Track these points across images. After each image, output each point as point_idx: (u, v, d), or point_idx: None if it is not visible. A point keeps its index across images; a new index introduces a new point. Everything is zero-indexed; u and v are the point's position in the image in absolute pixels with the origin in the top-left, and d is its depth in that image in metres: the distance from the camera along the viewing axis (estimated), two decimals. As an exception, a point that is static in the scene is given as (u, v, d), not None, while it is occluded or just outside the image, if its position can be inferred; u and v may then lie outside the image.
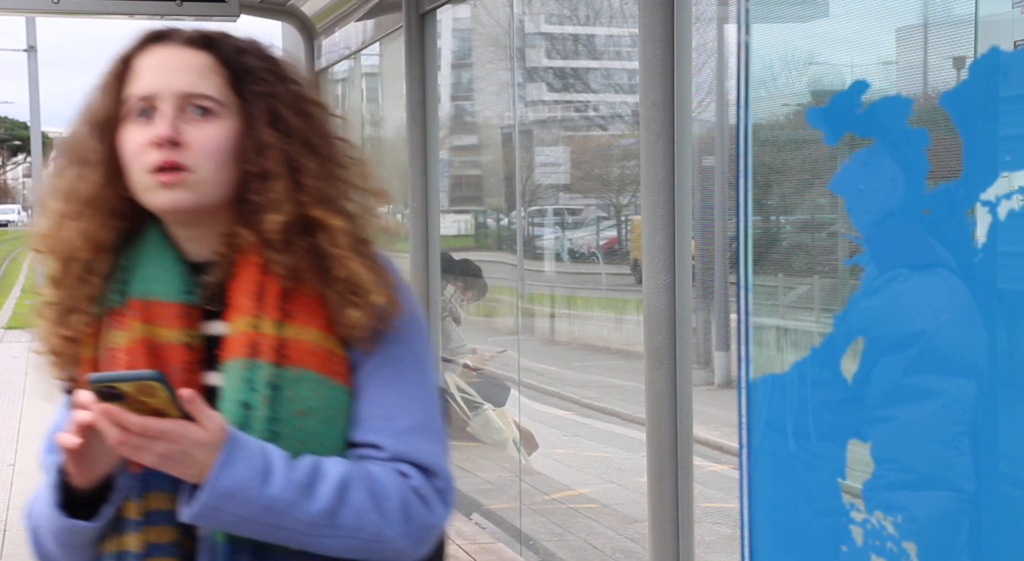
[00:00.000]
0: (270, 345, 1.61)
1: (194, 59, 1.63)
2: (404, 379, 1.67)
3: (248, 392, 1.60)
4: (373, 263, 1.66)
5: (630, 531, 7.31)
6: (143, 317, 1.65)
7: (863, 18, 2.35)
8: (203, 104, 1.61)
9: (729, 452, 8.46)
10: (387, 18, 6.73)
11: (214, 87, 1.62)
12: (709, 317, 12.28)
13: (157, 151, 1.60)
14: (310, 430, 1.61)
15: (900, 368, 2.12)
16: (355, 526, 1.59)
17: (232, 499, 1.54)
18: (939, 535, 2.09)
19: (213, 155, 1.61)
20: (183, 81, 1.61)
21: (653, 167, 3.07)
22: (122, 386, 1.48)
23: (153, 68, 1.63)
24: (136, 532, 1.62)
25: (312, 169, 1.64)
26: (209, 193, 1.62)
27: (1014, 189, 1.89)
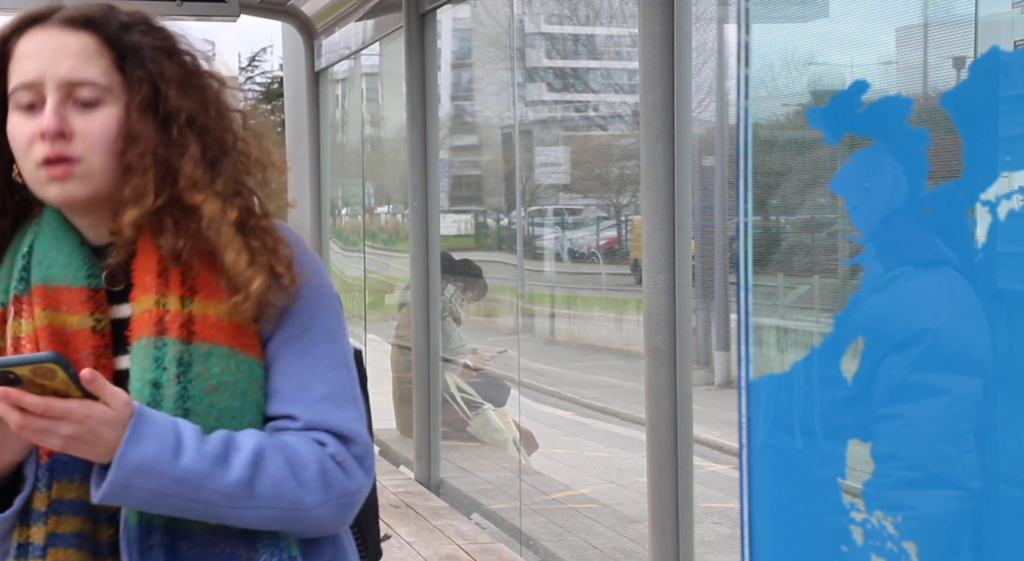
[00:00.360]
0: (176, 322, 1.58)
1: (76, 42, 1.57)
2: (315, 349, 1.64)
3: (157, 370, 1.57)
4: (264, 239, 1.62)
5: (630, 531, 7.31)
6: (46, 303, 1.61)
7: (863, 18, 2.35)
8: (88, 93, 1.56)
9: (729, 452, 8.46)
10: (387, 18, 6.73)
11: (99, 71, 1.57)
12: (709, 317, 12.28)
13: (44, 144, 1.55)
14: (223, 405, 1.58)
15: (905, 366, 2.12)
16: (273, 495, 1.56)
17: (143, 474, 1.50)
18: (942, 534, 2.09)
19: (102, 144, 1.57)
20: (66, 67, 1.55)
21: (653, 167, 3.07)
22: (18, 370, 1.43)
23: (34, 54, 1.57)
24: (41, 523, 1.58)
25: (192, 153, 1.59)
26: (101, 183, 1.59)
27: (1014, 189, 1.89)
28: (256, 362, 1.62)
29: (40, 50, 1.57)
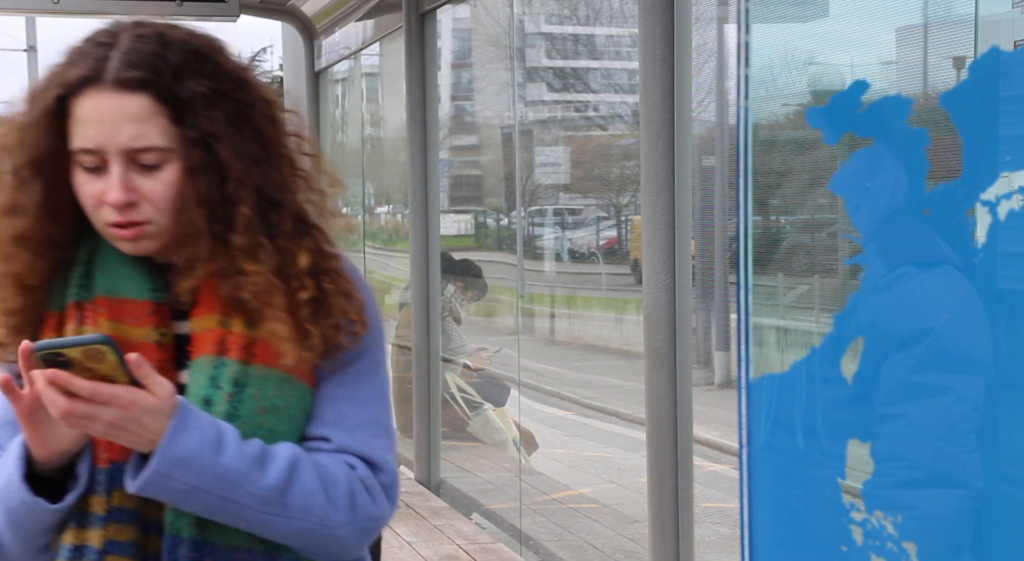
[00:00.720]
0: (238, 343, 1.60)
1: (133, 106, 1.56)
2: (359, 380, 1.67)
3: (211, 388, 1.59)
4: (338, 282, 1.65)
5: (630, 531, 7.31)
6: (111, 314, 1.62)
7: (863, 18, 2.35)
8: (150, 157, 1.57)
9: (729, 452, 8.46)
10: (387, 18, 6.73)
11: (158, 132, 1.57)
12: (709, 317, 12.28)
13: (113, 211, 1.58)
14: (269, 427, 1.61)
15: (907, 366, 2.12)
16: (303, 507, 1.58)
17: (184, 467, 1.51)
18: (942, 534, 2.09)
19: (167, 205, 1.58)
20: (127, 136, 1.56)
21: (653, 167, 3.07)
22: (69, 352, 1.45)
23: (94, 120, 1.57)
24: (99, 528, 1.59)
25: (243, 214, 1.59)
26: (169, 236, 1.61)
27: (1014, 189, 1.89)
28: (308, 389, 1.64)
29: (99, 117, 1.57)
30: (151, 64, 1.58)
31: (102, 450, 1.59)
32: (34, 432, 1.55)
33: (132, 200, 1.57)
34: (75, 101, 1.58)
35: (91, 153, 1.57)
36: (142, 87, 1.56)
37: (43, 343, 1.47)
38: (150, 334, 1.63)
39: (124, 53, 1.58)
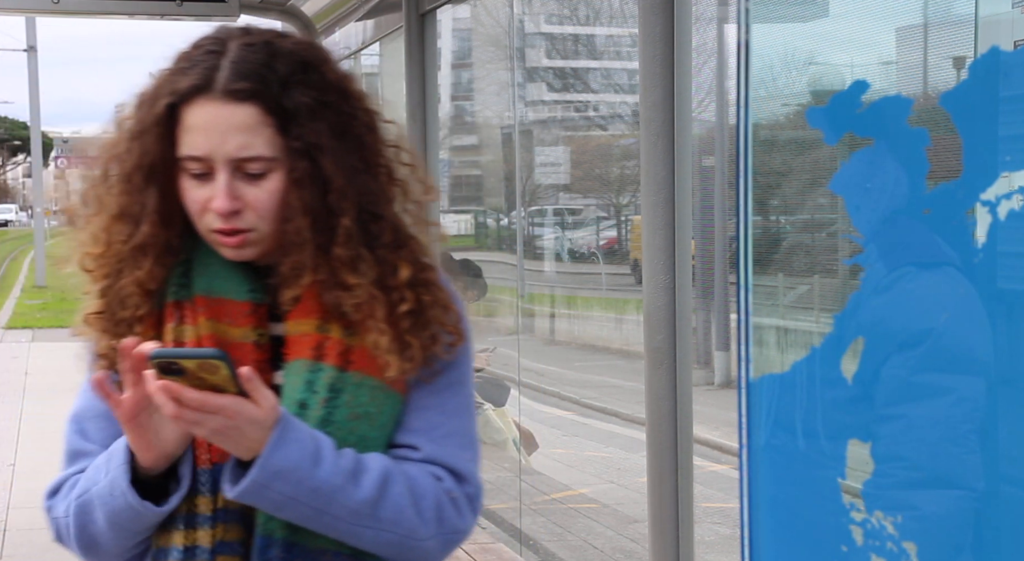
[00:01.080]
0: (335, 349, 1.64)
1: (242, 116, 1.59)
2: (449, 391, 1.71)
3: (306, 392, 1.63)
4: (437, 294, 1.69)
5: (630, 531, 7.31)
6: (210, 314, 1.66)
7: (863, 18, 2.35)
8: (256, 166, 1.61)
9: (729, 452, 8.46)
10: (387, 18, 6.73)
11: (264, 143, 1.60)
12: (709, 317, 12.28)
13: (218, 218, 1.62)
14: (361, 433, 1.65)
15: (908, 366, 2.12)
16: (393, 520, 1.62)
17: (282, 478, 1.55)
18: (942, 534, 2.09)
19: (272, 213, 1.62)
20: (234, 145, 1.59)
21: (653, 167, 3.07)
22: (184, 363, 1.49)
23: (202, 129, 1.60)
24: (208, 528, 1.63)
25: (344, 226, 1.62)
26: (271, 243, 1.65)
27: (1014, 189, 1.89)
28: (399, 397, 1.67)
29: (208, 125, 1.60)
30: (260, 75, 1.60)
31: (203, 451, 1.63)
32: (138, 436, 1.59)
33: (236, 208, 1.61)
34: (185, 109, 1.61)
35: (198, 160, 1.61)
36: (250, 98, 1.59)
37: (161, 351, 1.51)
38: (248, 335, 1.66)
39: (234, 62, 1.61)
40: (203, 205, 1.62)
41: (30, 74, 34.06)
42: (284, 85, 1.61)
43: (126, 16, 6.11)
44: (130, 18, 6.13)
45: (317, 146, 1.61)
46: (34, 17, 23.95)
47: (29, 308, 23.92)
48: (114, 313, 1.69)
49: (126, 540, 1.66)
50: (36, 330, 19.93)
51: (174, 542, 1.64)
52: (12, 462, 9.27)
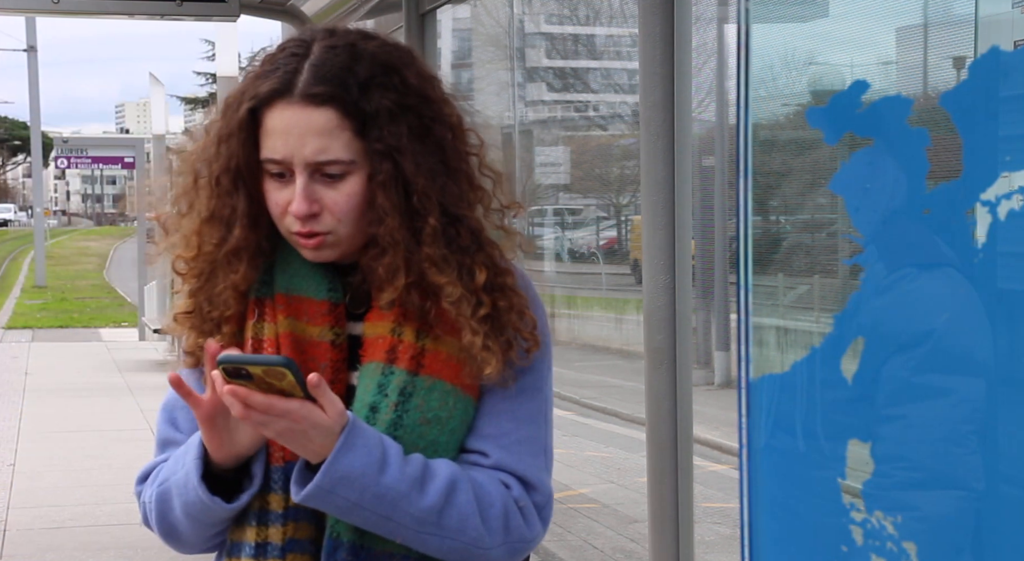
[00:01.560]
0: (408, 353, 1.66)
1: (320, 119, 1.61)
2: (522, 397, 1.71)
3: (378, 395, 1.65)
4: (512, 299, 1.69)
5: (630, 531, 7.32)
6: (289, 312, 1.69)
7: (863, 18, 2.35)
8: (334, 169, 1.63)
9: (729, 452, 8.46)
10: (387, 18, 6.73)
11: (342, 146, 1.62)
12: (709, 317, 12.29)
13: (295, 221, 1.64)
14: (431, 438, 1.66)
15: (910, 367, 2.12)
16: (458, 528, 1.63)
17: (347, 484, 1.57)
18: (943, 534, 2.09)
19: (349, 215, 1.64)
20: (312, 149, 1.61)
21: (653, 167, 3.07)
22: (252, 369, 1.52)
23: (281, 132, 1.62)
24: (279, 525, 1.66)
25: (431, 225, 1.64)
26: (349, 245, 1.67)
27: (1014, 189, 1.89)
28: (471, 402, 1.68)
29: (287, 129, 1.62)
30: (339, 78, 1.62)
31: (276, 449, 1.66)
32: (212, 435, 1.62)
33: (314, 211, 1.63)
34: (266, 112, 1.63)
35: (278, 163, 1.63)
36: (329, 101, 1.61)
37: (228, 357, 1.54)
38: (325, 333, 1.69)
39: (314, 65, 1.63)
40: (283, 208, 1.65)
41: (30, 74, 34.09)
42: (364, 88, 1.62)
43: (126, 16, 6.11)
44: (130, 18, 6.13)
45: (397, 148, 1.62)
46: (34, 17, 23.94)
47: (29, 308, 23.94)
48: (204, 312, 1.72)
49: (202, 531, 1.70)
50: (36, 330, 19.95)
51: (246, 537, 1.67)
52: (12, 462, 9.27)
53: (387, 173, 1.63)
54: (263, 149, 1.65)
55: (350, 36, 1.68)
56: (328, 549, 1.64)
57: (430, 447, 1.65)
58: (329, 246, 1.66)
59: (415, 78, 1.68)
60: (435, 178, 1.65)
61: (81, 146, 23.61)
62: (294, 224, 1.65)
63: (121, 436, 10.16)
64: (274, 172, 1.65)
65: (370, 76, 1.63)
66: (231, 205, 1.68)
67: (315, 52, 1.64)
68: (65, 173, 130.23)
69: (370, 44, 1.67)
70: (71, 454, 9.36)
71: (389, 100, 1.63)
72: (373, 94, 1.63)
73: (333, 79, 1.62)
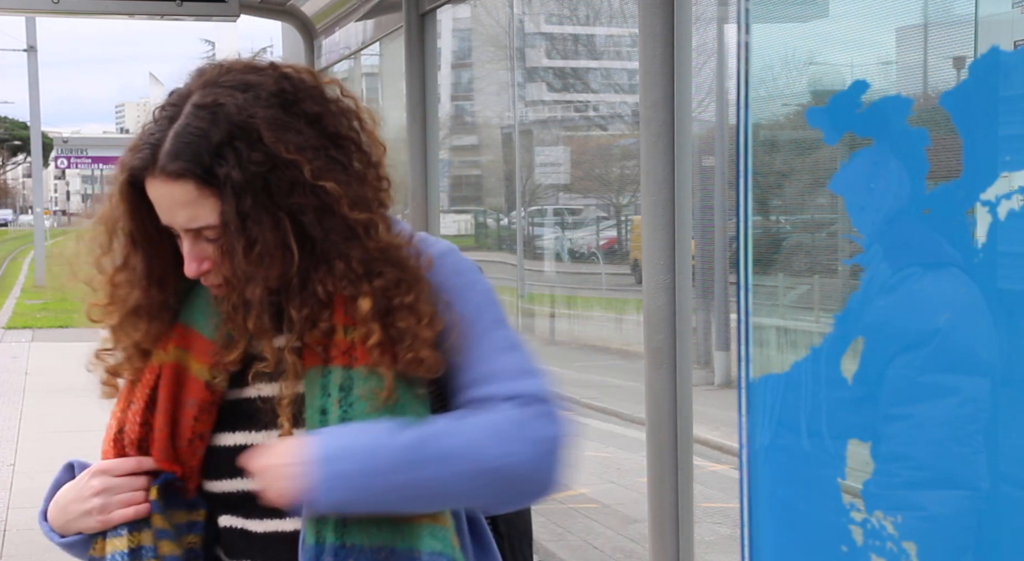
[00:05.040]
0: (340, 348, 1.67)
1: (179, 193, 1.65)
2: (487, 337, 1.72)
3: (323, 397, 1.67)
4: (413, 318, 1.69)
5: (630, 531, 7.31)
6: (180, 342, 1.76)
7: (863, 18, 2.35)
8: (210, 233, 1.67)
9: (729, 452, 8.46)
10: (387, 18, 6.73)
11: (208, 212, 1.66)
12: (709, 317, 12.29)
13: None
14: None
15: (913, 366, 2.12)
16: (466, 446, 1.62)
17: (343, 459, 1.60)
18: (943, 534, 2.09)
19: (237, 268, 1.67)
20: (183, 219, 1.67)
21: (653, 167, 3.07)
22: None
23: (158, 204, 1.69)
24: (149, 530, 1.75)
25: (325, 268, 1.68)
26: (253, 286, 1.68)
27: (1014, 189, 1.89)
28: (416, 379, 1.68)
29: (158, 201, 1.68)
30: (193, 150, 1.65)
31: None
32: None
33: (204, 269, 1.69)
34: (146, 182, 1.69)
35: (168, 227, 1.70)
36: (184, 175, 1.65)
37: None
38: (202, 372, 1.74)
39: (175, 136, 1.66)
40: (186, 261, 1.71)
41: (30, 74, 34.07)
42: (216, 156, 1.64)
43: (126, 16, 6.11)
44: (130, 18, 6.13)
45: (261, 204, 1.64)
46: (34, 17, 23.93)
47: (29, 308, 23.92)
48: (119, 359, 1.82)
49: None
50: (36, 330, 19.93)
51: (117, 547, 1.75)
52: (12, 462, 9.27)
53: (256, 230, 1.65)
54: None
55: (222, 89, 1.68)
56: (311, 556, 1.65)
57: None
58: (229, 288, 1.69)
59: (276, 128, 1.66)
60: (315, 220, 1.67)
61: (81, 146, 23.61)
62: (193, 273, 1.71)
63: (121, 436, 10.12)
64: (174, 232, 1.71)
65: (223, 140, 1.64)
66: (131, 265, 1.76)
67: (183, 115, 1.67)
68: (65, 173, 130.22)
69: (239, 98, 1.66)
70: (71, 454, 9.34)
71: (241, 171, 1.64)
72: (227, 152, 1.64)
73: (186, 152, 1.64)
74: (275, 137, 1.66)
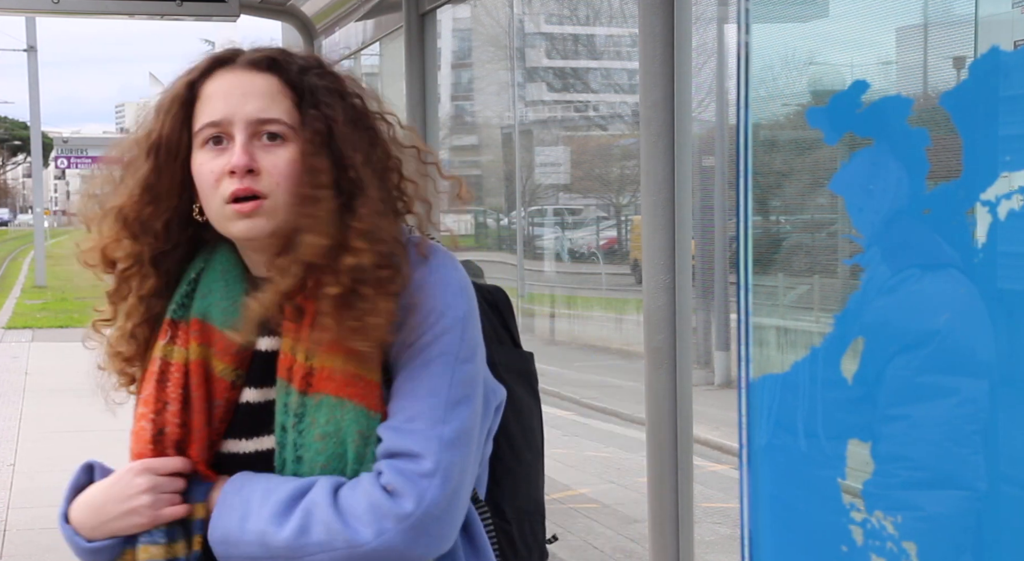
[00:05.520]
0: (299, 373, 1.66)
1: (262, 82, 1.64)
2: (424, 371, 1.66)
3: (284, 414, 1.67)
4: (379, 297, 1.66)
5: (630, 531, 7.32)
6: (202, 339, 1.70)
7: (863, 18, 2.35)
8: (274, 129, 1.63)
9: (729, 452, 8.46)
10: (387, 18, 6.73)
11: (283, 110, 1.64)
12: (709, 317, 12.29)
13: (233, 180, 1.63)
14: (329, 452, 1.65)
15: (914, 367, 2.12)
16: (327, 541, 1.61)
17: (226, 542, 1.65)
18: (943, 535, 2.09)
19: (287, 179, 1.63)
20: (254, 107, 1.63)
21: (653, 167, 3.07)
22: None
23: (223, 94, 1.64)
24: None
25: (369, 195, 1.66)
26: (283, 218, 1.65)
27: (1014, 189, 1.89)
28: (364, 411, 1.65)
29: (228, 90, 1.64)
30: (281, 57, 1.68)
31: None
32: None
33: (253, 167, 1.62)
34: (205, 83, 1.66)
35: (216, 126, 1.64)
36: (270, 69, 1.66)
37: None
38: (227, 372, 1.71)
39: (257, 48, 1.69)
40: (218, 175, 1.64)
41: (30, 74, 34.08)
42: (302, 70, 1.67)
43: (126, 16, 6.11)
44: (130, 18, 6.13)
45: (333, 120, 1.64)
46: (34, 17, 23.94)
47: (29, 308, 23.92)
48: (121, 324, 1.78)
49: None
50: (36, 330, 19.93)
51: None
52: (12, 462, 9.27)
53: (322, 134, 1.64)
54: (200, 116, 1.66)
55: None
56: None
57: (332, 462, 1.65)
58: (264, 214, 1.63)
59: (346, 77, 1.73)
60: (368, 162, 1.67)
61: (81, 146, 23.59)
62: (231, 185, 1.63)
63: (121, 436, 10.14)
64: (210, 137, 1.64)
65: (307, 65, 1.69)
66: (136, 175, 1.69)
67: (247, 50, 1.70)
68: (65, 173, 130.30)
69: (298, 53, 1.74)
70: (71, 454, 9.36)
71: (325, 82, 1.67)
72: (310, 76, 1.67)
73: (275, 55, 1.68)
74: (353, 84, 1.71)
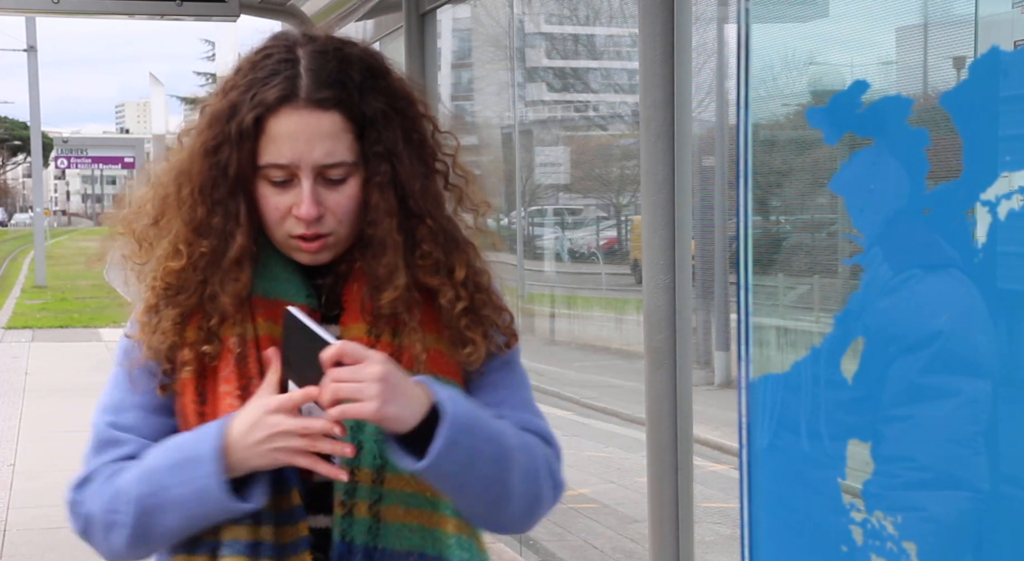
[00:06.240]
0: (386, 351, 1.66)
1: (327, 124, 1.63)
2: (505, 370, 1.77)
3: None
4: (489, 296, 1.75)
5: (630, 531, 7.31)
6: (267, 315, 1.70)
7: (863, 18, 2.35)
8: (339, 172, 1.65)
9: (729, 452, 8.46)
10: (387, 18, 6.73)
11: (346, 149, 1.64)
12: (709, 317, 12.28)
13: (300, 224, 1.65)
14: None
15: (914, 367, 2.12)
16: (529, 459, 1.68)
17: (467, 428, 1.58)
18: (943, 535, 2.09)
19: (349, 217, 1.67)
20: (321, 152, 1.63)
21: (653, 167, 3.07)
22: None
23: (288, 137, 1.62)
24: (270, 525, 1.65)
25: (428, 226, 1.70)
26: (344, 246, 1.70)
27: (1014, 189, 1.89)
28: (454, 384, 1.70)
29: (294, 133, 1.63)
30: (340, 82, 1.64)
31: None
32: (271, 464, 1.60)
33: (321, 213, 1.64)
34: (271, 119, 1.63)
35: (282, 167, 1.64)
36: (335, 106, 1.63)
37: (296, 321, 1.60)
38: None
39: (311, 70, 1.64)
40: (283, 212, 1.66)
41: (30, 74, 34.08)
42: (361, 92, 1.65)
43: (126, 16, 6.12)
44: (130, 18, 6.14)
45: (394, 151, 1.66)
46: (34, 17, 23.95)
47: (29, 308, 23.92)
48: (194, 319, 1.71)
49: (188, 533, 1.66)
50: (36, 330, 19.93)
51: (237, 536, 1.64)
52: (12, 462, 9.27)
53: (385, 175, 1.66)
54: (264, 154, 1.65)
55: (333, 41, 1.70)
56: (338, 554, 1.63)
57: None
58: (329, 248, 1.68)
59: (398, 82, 1.72)
60: (424, 180, 1.70)
61: (81, 146, 23.62)
62: (297, 227, 1.66)
63: (121, 436, 10.12)
64: (276, 178, 1.65)
65: (363, 80, 1.66)
66: (229, 214, 1.68)
67: (304, 57, 1.66)
68: (65, 173, 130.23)
69: (355, 49, 1.70)
70: (71, 454, 9.35)
71: (382, 103, 1.67)
72: (369, 98, 1.66)
73: (335, 84, 1.64)
74: (400, 82, 1.71)
